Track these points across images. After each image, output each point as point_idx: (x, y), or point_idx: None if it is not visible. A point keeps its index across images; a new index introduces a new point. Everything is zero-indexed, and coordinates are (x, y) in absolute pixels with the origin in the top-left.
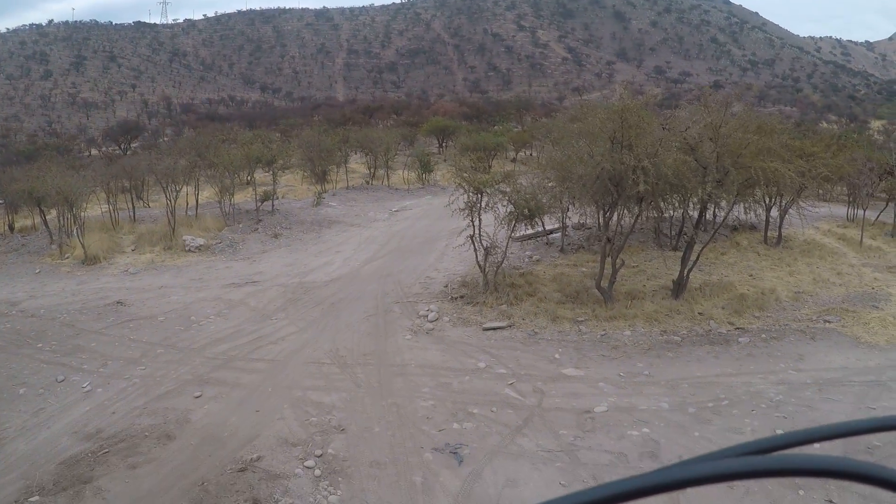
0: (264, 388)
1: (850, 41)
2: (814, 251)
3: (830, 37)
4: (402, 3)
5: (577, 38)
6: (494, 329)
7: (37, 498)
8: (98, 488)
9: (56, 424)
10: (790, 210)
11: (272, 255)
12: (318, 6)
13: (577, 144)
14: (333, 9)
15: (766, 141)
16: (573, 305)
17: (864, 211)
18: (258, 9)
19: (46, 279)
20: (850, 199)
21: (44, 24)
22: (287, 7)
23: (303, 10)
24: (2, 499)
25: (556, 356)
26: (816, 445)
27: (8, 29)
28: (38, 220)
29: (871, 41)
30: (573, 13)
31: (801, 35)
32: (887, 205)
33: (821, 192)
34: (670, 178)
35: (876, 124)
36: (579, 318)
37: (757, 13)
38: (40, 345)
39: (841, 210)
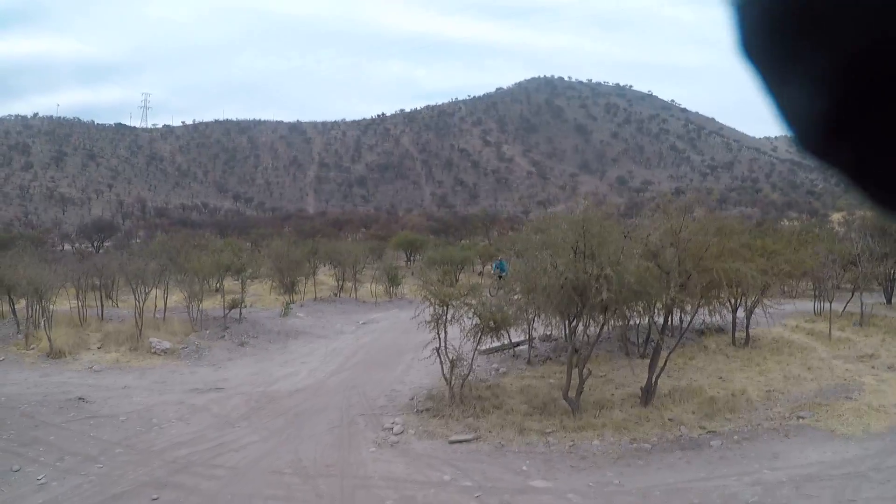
0: (223, 496)
1: None
2: (783, 348)
3: (785, 135)
4: (371, 119)
5: (540, 152)
6: (461, 442)
7: None
8: None
9: None
10: (756, 309)
11: (238, 362)
12: (292, 119)
13: (540, 256)
14: (306, 122)
15: (727, 242)
16: (541, 417)
17: (831, 303)
18: (234, 119)
19: (10, 367)
20: (816, 292)
21: (28, 117)
22: (262, 119)
23: (277, 122)
24: None
25: (524, 468)
26: None
27: None
28: (6, 308)
29: None
30: (536, 127)
31: (757, 136)
32: (853, 295)
33: (785, 288)
34: (633, 285)
35: (836, 216)
36: (547, 430)
37: (713, 118)
38: None
39: (807, 305)
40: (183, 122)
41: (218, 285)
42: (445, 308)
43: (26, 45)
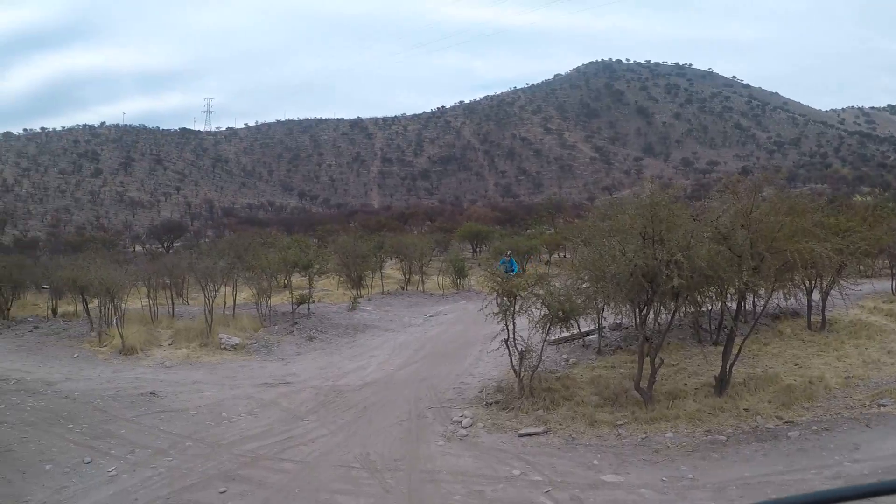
0: (291, 489)
1: (873, 108)
2: (861, 332)
3: (852, 106)
4: (432, 112)
5: (603, 137)
6: (530, 435)
7: None
8: None
9: None
10: (831, 291)
11: (306, 357)
12: (353, 116)
13: (608, 243)
14: (367, 119)
15: (800, 221)
16: (612, 408)
17: None
18: (296, 118)
19: (83, 364)
20: (893, 271)
21: (96, 126)
22: (324, 118)
23: (338, 120)
24: None
25: (595, 462)
26: None
27: (63, 128)
28: (80, 307)
29: (894, 104)
30: (598, 112)
31: (824, 109)
32: None
33: (861, 268)
34: (705, 270)
35: None
36: (618, 422)
37: (777, 93)
38: (71, 425)
39: (885, 284)
40: (246, 125)
41: (286, 281)
42: (513, 299)
43: (88, 58)
